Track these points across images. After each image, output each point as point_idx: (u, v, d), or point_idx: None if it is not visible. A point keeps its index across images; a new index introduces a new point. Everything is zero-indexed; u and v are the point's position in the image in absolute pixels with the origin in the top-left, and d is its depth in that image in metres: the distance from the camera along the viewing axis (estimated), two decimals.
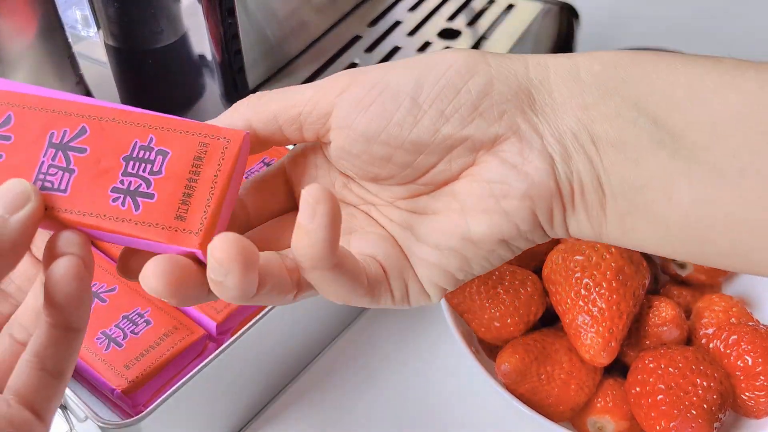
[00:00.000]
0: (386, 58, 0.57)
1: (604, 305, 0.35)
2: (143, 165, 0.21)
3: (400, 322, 0.47)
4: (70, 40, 0.47)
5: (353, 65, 0.57)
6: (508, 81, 0.21)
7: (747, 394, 0.35)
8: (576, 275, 0.36)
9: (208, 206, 0.21)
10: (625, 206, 0.21)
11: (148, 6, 0.48)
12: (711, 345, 0.37)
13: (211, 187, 0.21)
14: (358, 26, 0.61)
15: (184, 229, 0.20)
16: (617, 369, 0.39)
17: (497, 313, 0.38)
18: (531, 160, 0.21)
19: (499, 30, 0.60)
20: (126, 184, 0.21)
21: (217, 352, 0.34)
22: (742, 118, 0.19)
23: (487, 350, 0.40)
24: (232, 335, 0.36)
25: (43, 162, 0.21)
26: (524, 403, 0.35)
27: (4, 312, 0.25)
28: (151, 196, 0.21)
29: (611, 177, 0.21)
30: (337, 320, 0.45)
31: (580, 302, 0.36)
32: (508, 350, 0.37)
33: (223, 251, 0.18)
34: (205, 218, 0.20)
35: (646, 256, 0.41)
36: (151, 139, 0.21)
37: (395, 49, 0.58)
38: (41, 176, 0.21)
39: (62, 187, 0.21)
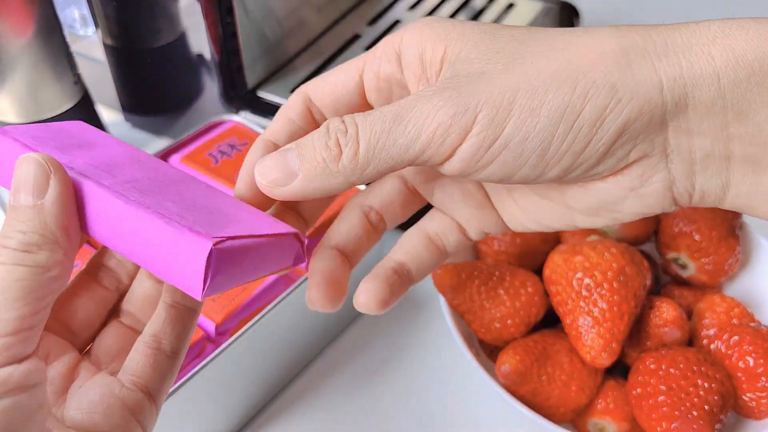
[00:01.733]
0: None
1: (605, 306, 0.35)
2: None
3: (400, 323, 0.47)
4: (68, 39, 0.47)
5: None
6: (641, 111, 0.19)
7: (748, 395, 0.35)
8: (577, 276, 0.36)
9: None
10: (745, 202, 0.20)
11: (147, 5, 0.48)
12: (712, 346, 0.37)
13: None
14: (357, 25, 0.61)
15: None
16: (618, 370, 0.39)
17: (498, 314, 0.38)
18: (652, 182, 0.20)
19: None
20: None
21: (216, 352, 0.34)
22: None
23: (488, 351, 0.40)
24: (230, 336, 0.35)
25: None
26: (525, 404, 0.35)
27: (110, 287, 0.25)
28: None
29: (740, 184, 0.20)
30: (336, 321, 0.45)
31: (581, 303, 0.36)
32: (508, 351, 0.36)
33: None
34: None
35: (648, 257, 0.40)
36: None
37: None
38: None
39: None
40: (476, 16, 0.62)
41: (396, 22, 0.61)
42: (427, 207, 0.27)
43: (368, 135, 0.20)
